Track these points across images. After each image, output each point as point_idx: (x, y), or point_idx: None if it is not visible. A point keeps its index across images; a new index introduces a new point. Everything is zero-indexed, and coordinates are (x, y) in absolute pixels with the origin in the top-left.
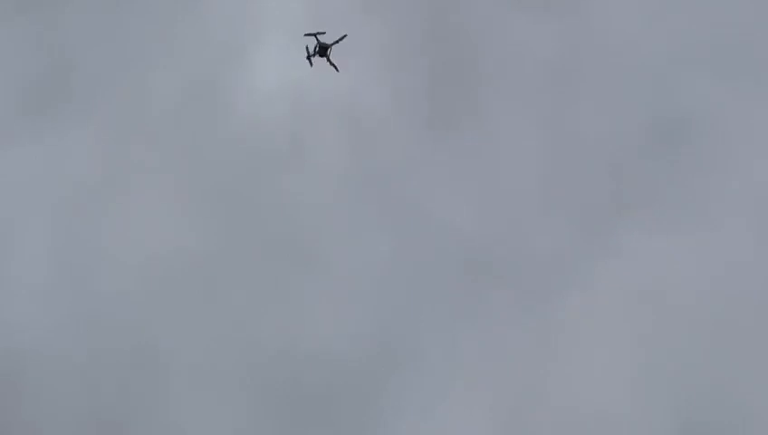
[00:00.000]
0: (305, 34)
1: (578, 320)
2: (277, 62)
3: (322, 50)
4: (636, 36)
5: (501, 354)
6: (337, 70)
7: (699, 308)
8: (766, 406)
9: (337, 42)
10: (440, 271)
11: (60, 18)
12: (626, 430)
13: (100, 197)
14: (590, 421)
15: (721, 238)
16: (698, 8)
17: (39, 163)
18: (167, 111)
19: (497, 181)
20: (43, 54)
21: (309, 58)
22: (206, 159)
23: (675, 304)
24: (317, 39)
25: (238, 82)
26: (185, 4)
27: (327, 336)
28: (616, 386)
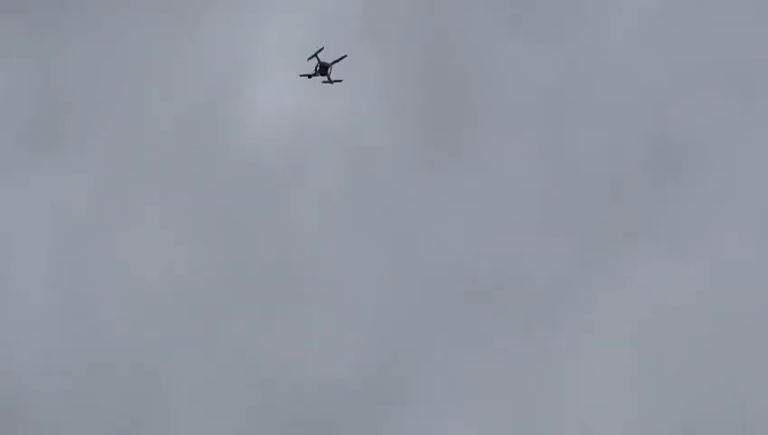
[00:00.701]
0: (308, 59)
1: (579, 346)
2: (276, 88)
3: (323, 69)
4: (634, 62)
5: (502, 381)
6: (336, 82)
7: (702, 333)
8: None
9: (337, 61)
10: (440, 297)
11: (57, 48)
12: None
13: (100, 223)
14: None
15: (723, 263)
16: (697, 33)
17: (38, 191)
18: (166, 138)
19: (497, 207)
20: (41, 85)
21: (309, 76)
22: (206, 186)
23: (677, 328)
24: (318, 58)
25: (237, 108)
26: (183, 31)
27: (327, 362)
28: (619, 412)
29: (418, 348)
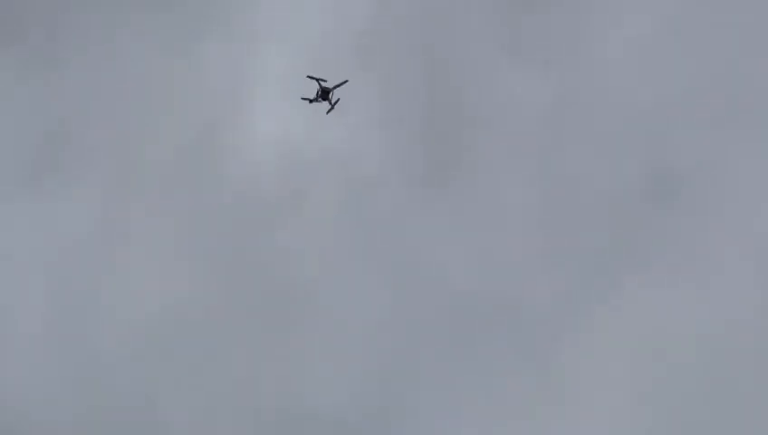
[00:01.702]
0: (308, 76)
1: (578, 368)
2: (274, 116)
3: (324, 93)
4: (633, 89)
5: (501, 406)
6: (336, 103)
7: (698, 355)
8: None
9: (338, 85)
10: (439, 322)
11: (60, 75)
12: None
13: (99, 255)
14: None
15: (720, 287)
16: (695, 60)
17: (38, 223)
18: (166, 165)
19: (496, 232)
20: (41, 114)
21: (311, 101)
22: (204, 214)
23: (674, 351)
24: (319, 84)
25: (237, 136)
26: (182, 60)
27: (327, 387)
28: (617, 432)
29: (418, 372)
